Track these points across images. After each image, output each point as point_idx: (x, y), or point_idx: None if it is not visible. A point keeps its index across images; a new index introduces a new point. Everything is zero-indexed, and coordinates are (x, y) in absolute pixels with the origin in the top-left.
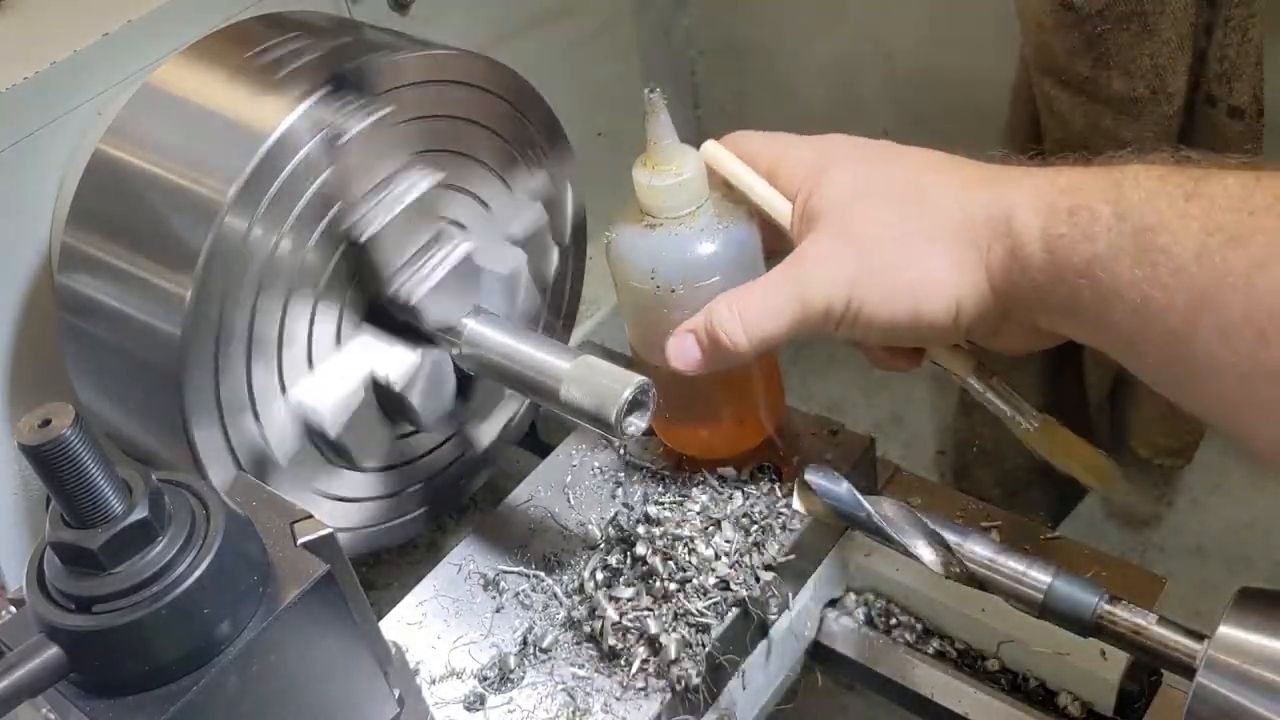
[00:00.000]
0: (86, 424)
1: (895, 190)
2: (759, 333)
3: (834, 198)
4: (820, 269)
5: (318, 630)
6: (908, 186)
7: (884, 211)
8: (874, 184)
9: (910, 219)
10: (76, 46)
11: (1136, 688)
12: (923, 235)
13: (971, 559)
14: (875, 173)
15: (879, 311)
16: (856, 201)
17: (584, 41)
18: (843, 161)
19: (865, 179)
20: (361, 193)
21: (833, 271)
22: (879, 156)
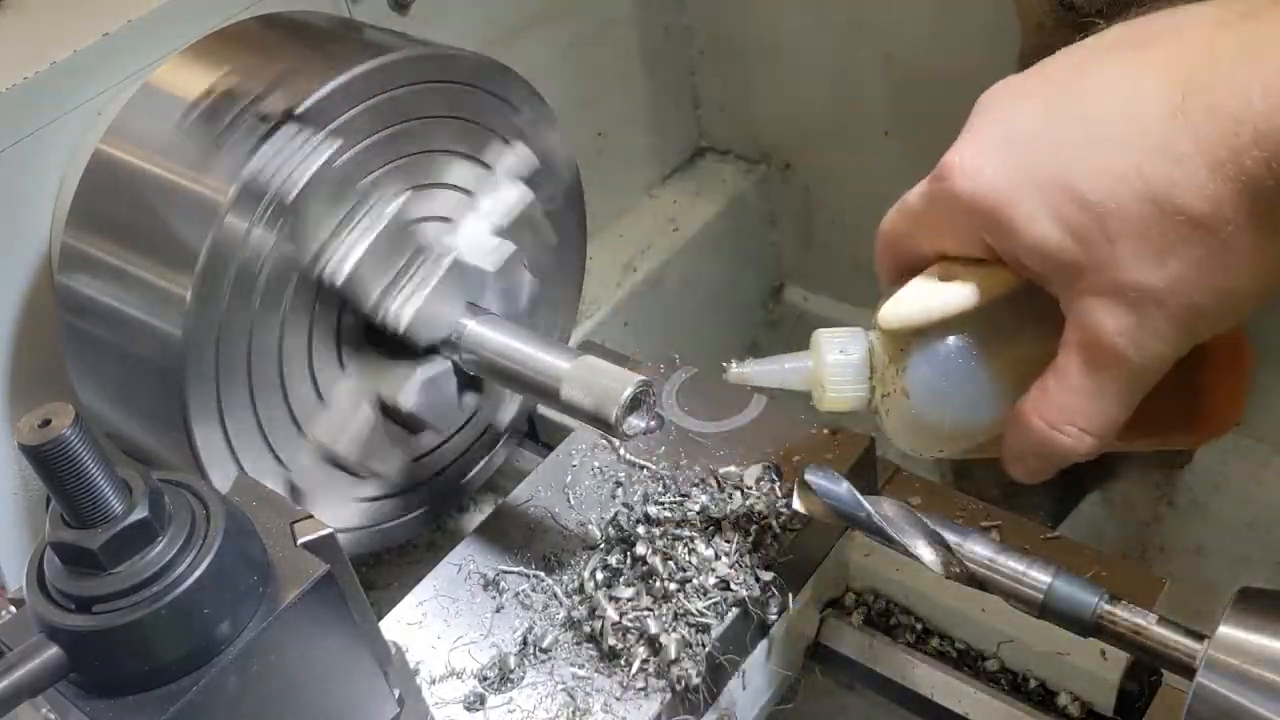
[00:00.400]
0: (86, 424)
1: (1125, 206)
2: (1104, 424)
3: (1052, 250)
4: (1139, 342)
5: (318, 630)
6: (1134, 192)
7: (1139, 241)
8: (1088, 213)
9: (1177, 232)
10: (76, 46)
11: (1136, 688)
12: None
13: (971, 559)
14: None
15: (1220, 327)
16: (1089, 244)
17: (584, 41)
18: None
19: (1068, 207)
20: (323, 238)
21: (1156, 338)
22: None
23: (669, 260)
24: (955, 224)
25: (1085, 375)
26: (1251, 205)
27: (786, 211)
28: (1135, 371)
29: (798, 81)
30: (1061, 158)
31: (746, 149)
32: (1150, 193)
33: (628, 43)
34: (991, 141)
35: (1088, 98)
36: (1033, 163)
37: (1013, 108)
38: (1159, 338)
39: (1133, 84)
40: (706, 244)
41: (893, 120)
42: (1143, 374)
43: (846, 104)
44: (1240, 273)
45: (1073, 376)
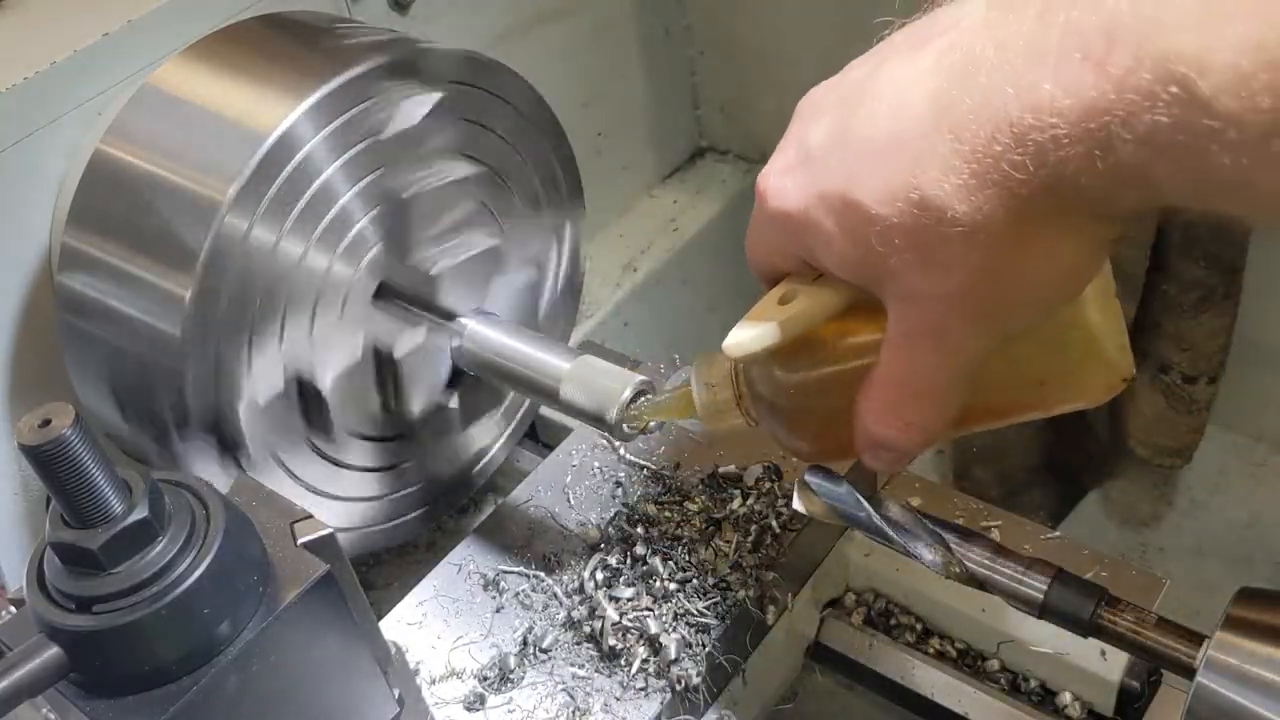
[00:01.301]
0: (86, 424)
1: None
2: (927, 416)
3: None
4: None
5: (318, 630)
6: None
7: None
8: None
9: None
10: (76, 46)
11: (1136, 688)
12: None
13: (971, 559)
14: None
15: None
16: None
17: (584, 41)
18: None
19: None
20: (409, 160)
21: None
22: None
23: (669, 260)
24: (775, 245)
25: (902, 374)
26: (1020, 208)
27: None
28: (948, 369)
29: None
30: (847, 173)
31: (746, 149)
32: (924, 204)
33: (628, 43)
34: (792, 159)
35: (872, 106)
36: (825, 179)
37: (812, 121)
38: (964, 336)
39: (907, 91)
40: (706, 244)
41: None
42: (957, 368)
43: None
44: (1028, 270)
45: (892, 375)
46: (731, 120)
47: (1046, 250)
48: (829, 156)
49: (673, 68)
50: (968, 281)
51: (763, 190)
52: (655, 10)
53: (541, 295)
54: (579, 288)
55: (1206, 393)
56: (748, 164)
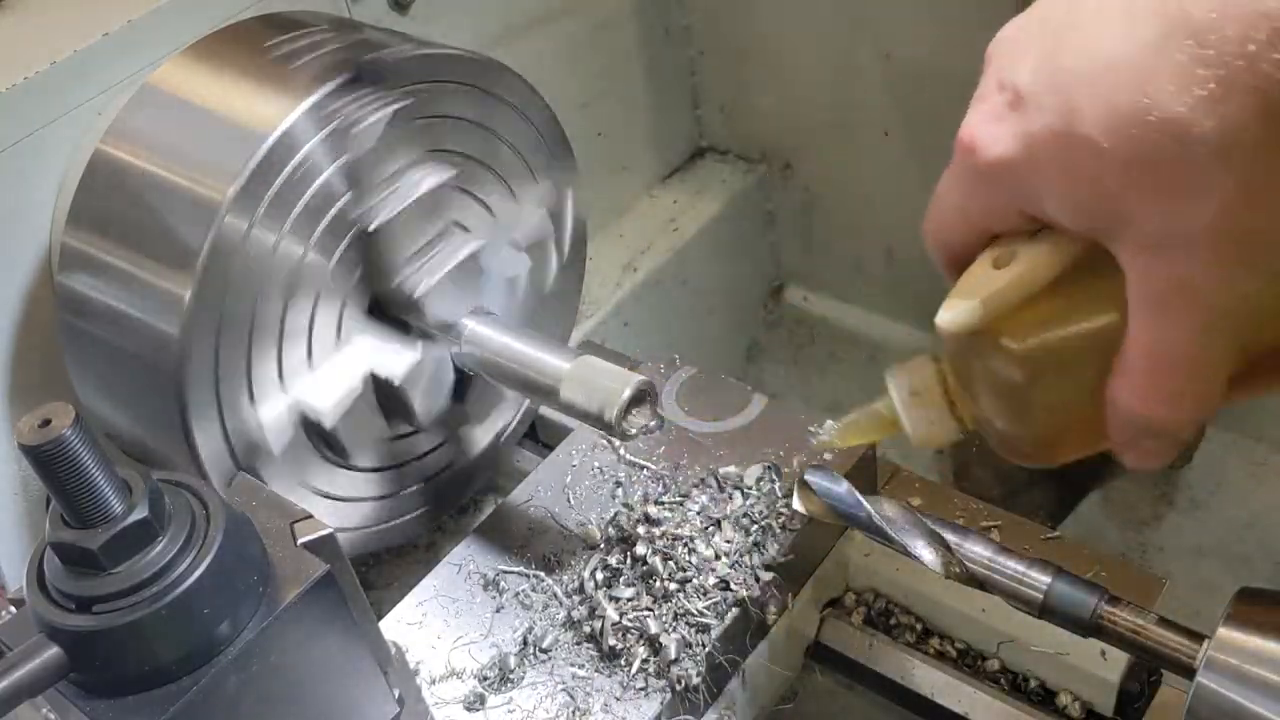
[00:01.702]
0: (86, 424)
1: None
2: (1195, 386)
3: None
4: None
5: (318, 630)
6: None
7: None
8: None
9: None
10: (76, 46)
11: (1136, 688)
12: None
13: (971, 559)
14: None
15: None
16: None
17: (584, 41)
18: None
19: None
20: (373, 183)
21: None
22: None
23: (669, 260)
24: (989, 202)
25: (1160, 338)
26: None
27: (786, 211)
28: (1212, 323)
29: (798, 81)
30: (1066, 107)
31: (746, 149)
32: (1162, 125)
33: (628, 43)
34: (999, 105)
35: (1083, 32)
36: (1042, 118)
37: (1013, 60)
38: (1226, 281)
39: (1121, 8)
40: (706, 244)
41: (892, 120)
42: (1222, 322)
43: (846, 104)
44: None
45: (1148, 343)
46: (731, 120)
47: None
48: (1042, 94)
49: (673, 68)
50: (1222, 212)
51: (970, 143)
52: (655, 10)
53: (548, 263)
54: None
55: None
56: (748, 164)
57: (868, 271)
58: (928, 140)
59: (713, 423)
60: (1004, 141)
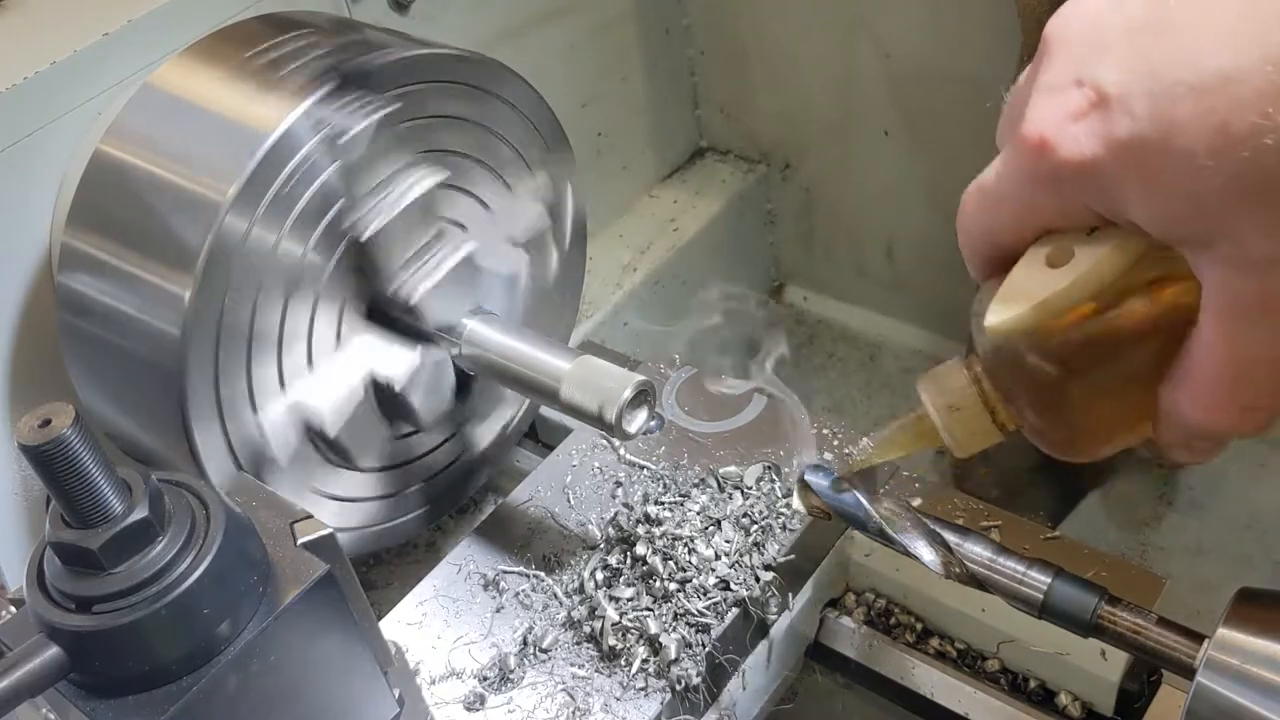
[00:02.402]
0: (86, 424)
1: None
2: (1268, 397)
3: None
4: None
5: (318, 630)
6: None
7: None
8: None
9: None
10: (76, 46)
11: (1136, 688)
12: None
13: (971, 559)
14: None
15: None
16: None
17: (584, 41)
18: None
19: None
20: (363, 191)
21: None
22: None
23: (669, 260)
24: (1060, 202)
25: (1235, 353)
26: None
27: (786, 211)
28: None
29: (798, 81)
30: (1165, 119)
31: (746, 149)
32: (1272, 140)
33: (628, 43)
34: (1081, 103)
35: (1186, 39)
36: (1134, 126)
37: (1097, 55)
38: None
39: (1246, 15)
40: (706, 244)
41: (893, 120)
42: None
43: (846, 104)
44: None
45: (1223, 354)
46: (731, 120)
47: None
48: (1134, 100)
49: (673, 68)
50: None
51: (1043, 140)
52: (655, 10)
53: (548, 257)
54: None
55: None
56: (748, 164)
57: (868, 271)
58: (928, 140)
59: (713, 423)
60: (1086, 144)
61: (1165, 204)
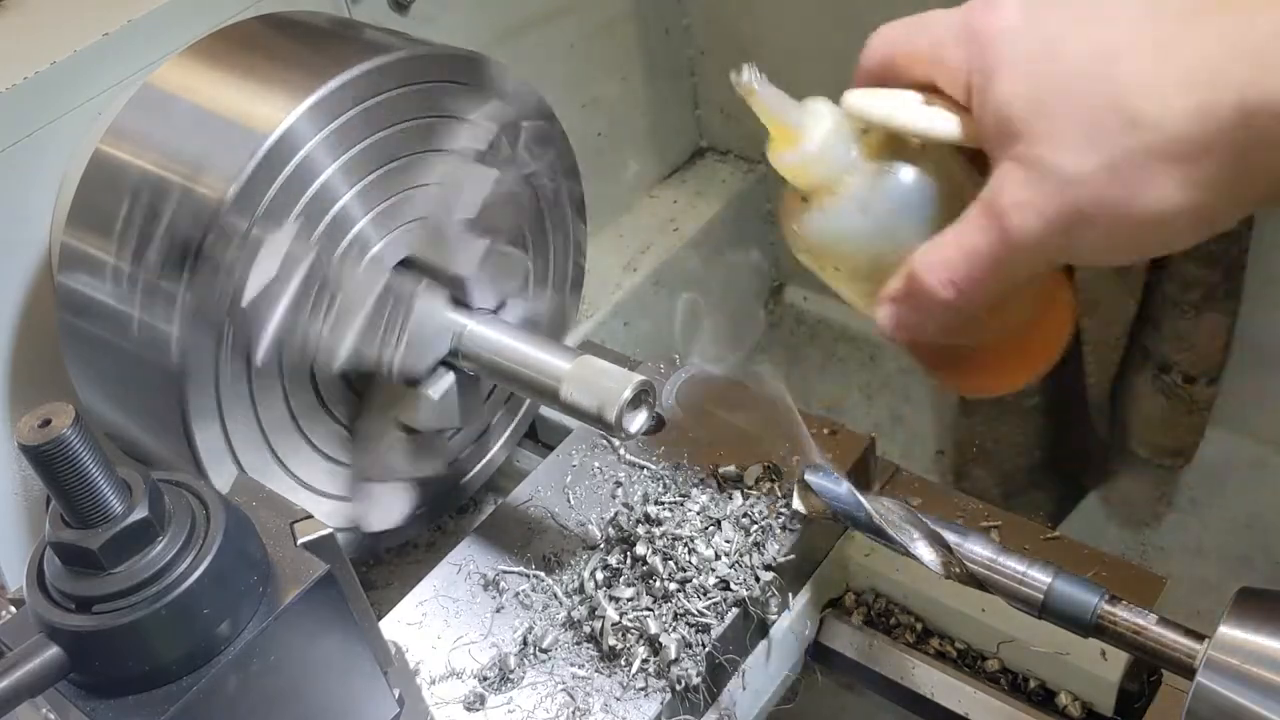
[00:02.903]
0: (86, 424)
1: (1087, 90)
2: (975, 284)
3: (1014, 103)
4: (1024, 209)
5: (318, 630)
6: (1105, 83)
7: (1079, 124)
8: (1057, 78)
9: (1119, 134)
10: (76, 46)
11: (1136, 688)
12: (1139, 157)
13: (971, 559)
14: (1053, 57)
15: (1103, 246)
16: (1041, 110)
17: (584, 41)
18: (1011, 42)
19: (1044, 69)
20: None
21: (1041, 210)
22: (1052, 26)
23: (669, 260)
24: (961, 56)
25: (973, 231)
26: (1210, 145)
27: None
28: (1011, 246)
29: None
30: (1059, 37)
31: (746, 149)
32: (1119, 88)
33: (628, 43)
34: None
35: None
36: (1037, 29)
37: None
38: (1043, 222)
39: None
40: (706, 244)
41: None
42: (1015, 254)
43: None
44: (1149, 202)
45: (964, 231)
46: (731, 120)
47: (1183, 201)
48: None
49: (673, 68)
50: (1095, 175)
51: (989, 9)
52: (655, 10)
53: None
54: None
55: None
56: (748, 164)
57: None
58: None
59: (713, 423)
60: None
61: (1017, 92)
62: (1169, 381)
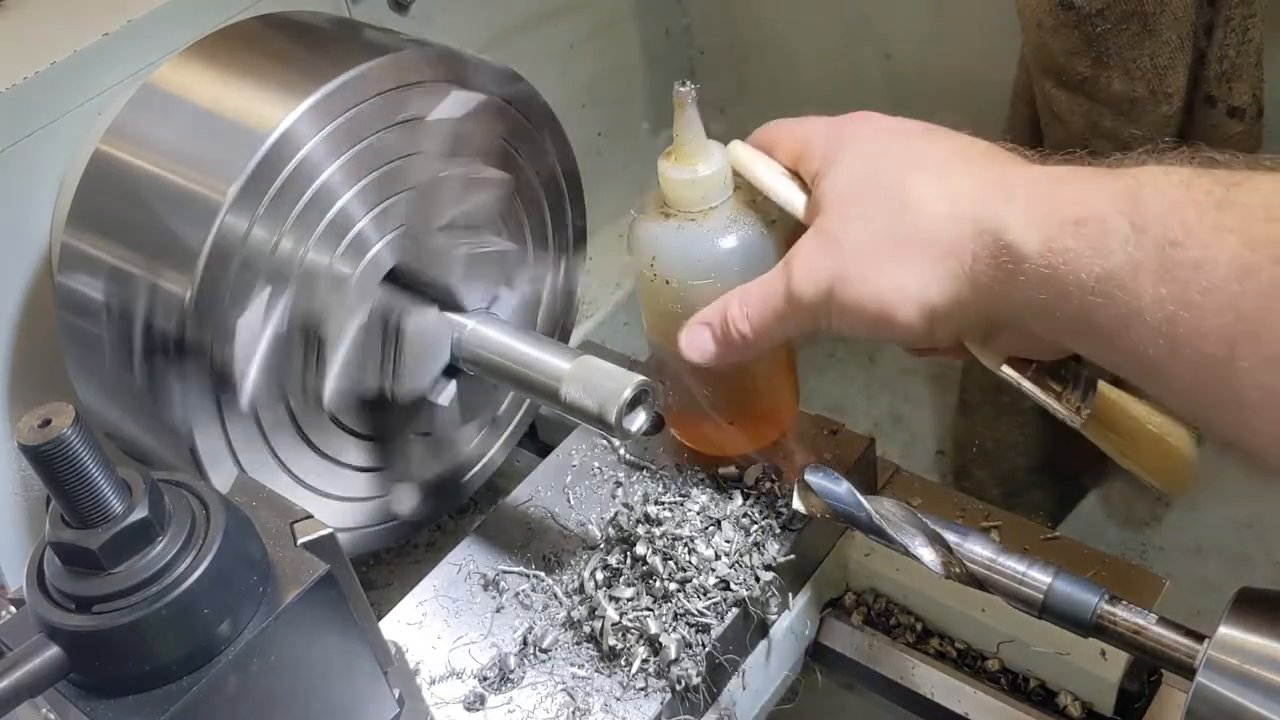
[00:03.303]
0: (86, 424)
1: (883, 189)
2: (762, 327)
3: (833, 191)
4: (805, 268)
5: (318, 630)
6: (896, 187)
7: (868, 211)
8: (868, 179)
9: (891, 223)
10: (76, 46)
11: (1136, 688)
12: (898, 242)
13: (971, 559)
14: (873, 165)
15: (850, 317)
16: (848, 198)
17: (584, 41)
18: (852, 149)
19: (863, 172)
20: (442, 149)
21: (815, 271)
22: (885, 146)
23: None
24: (819, 152)
25: (772, 281)
26: (951, 249)
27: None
28: (792, 300)
29: (798, 82)
30: (884, 153)
31: None
32: (902, 189)
33: (628, 43)
34: None
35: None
36: (872, 146)
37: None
38: (814, 281)
39: (967, 146)
40: None
41: None
42: (795, 307)
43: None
44: (891, 279)
45: (767, 280)
46: (731, 120)
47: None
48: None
49: (673, 68)
50: (857, 245)
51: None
52: (655, 10)
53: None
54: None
55: None
56: None
57: None
58: None
59: None
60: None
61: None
62: None
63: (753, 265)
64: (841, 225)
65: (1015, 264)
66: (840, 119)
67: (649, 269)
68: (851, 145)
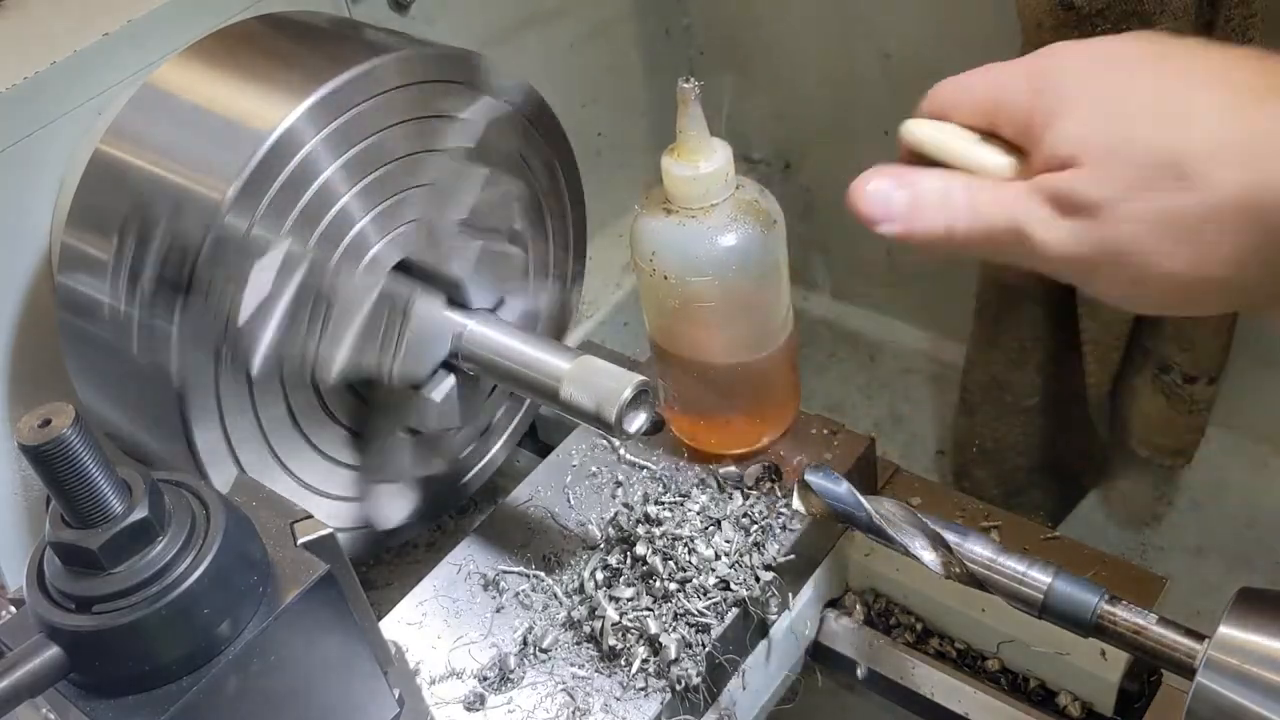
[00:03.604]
0: (86, 424)
1: (1148, 143)
2: (980, 225)
3: (1072, 148)
4: (1058, 229)
5: (318, 630)
6: (1164, 137)
7: (1136, 175)
8: (1120, 130)
9: (1171, 189)
10: (76, 46)
11: (1136, 688)
12: (1190, 217)
13: (971, 559)
14: (1121, 112)
15: (1128, 299)
16: (1100, 153)
17: (584, 41)
18: (1069, 101)
19: (1108, 119)
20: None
21: (1072, 236)
22: (1117, 87)
23: None
24: (1023, 98)
25: (1011, 205)
26: (1254, 223)
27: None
28: (1024, 242)
29: (798, 81)
30: (1126, 86)
31: (746, 149)
32: (1181, 146)
33: (628, 43)
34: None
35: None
36: (1103, 76)
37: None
38: (1075, 246)
39: (1227, 73)
40: None
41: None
42: (1025, 251)
43: (846, 104)
44: (1182, 262)
45: (1009, 204)
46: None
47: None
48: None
49: (673, 68)
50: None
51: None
52: (655, 10)
53: None
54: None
55: (1207, 393)
56: (747, 164)
57: (868, 272)
58: None
59: None
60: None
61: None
62: (1169, 381)
63: (752, 264)
64: (1110, 188)
65: None
66: (1033, 57)
67: (649, 264)
68: (1075, 81)
